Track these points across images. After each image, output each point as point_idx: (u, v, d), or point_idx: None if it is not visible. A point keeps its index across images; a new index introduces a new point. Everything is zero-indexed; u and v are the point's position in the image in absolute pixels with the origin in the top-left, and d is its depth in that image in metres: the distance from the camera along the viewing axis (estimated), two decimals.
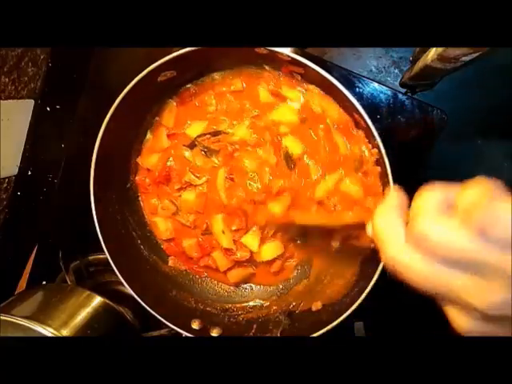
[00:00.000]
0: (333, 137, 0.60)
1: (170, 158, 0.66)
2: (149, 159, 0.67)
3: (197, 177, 0.65)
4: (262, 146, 0.63)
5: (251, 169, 0.63)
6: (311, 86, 0.60)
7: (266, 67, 0.61)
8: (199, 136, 0.64)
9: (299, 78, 0.59)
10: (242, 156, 0.64)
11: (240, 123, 0.63)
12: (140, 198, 0.70)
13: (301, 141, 0.62)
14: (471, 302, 0.27)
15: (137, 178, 0.68)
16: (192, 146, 0.65)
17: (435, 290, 0.29)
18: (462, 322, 0.29)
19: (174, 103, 0.65)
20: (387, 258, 0.30)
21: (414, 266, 0.28)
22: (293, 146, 0.62)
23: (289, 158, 0.61)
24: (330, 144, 0.61)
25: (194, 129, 0.65)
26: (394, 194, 0.32)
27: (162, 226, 0.69)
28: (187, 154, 0.66)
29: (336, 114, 0.59)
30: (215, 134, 0.63)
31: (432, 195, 0.29)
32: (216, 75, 0.63)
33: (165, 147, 0.66)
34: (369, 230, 0.36)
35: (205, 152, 0.64)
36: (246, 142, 0.63)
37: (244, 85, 0.62)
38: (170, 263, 0.70)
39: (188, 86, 0.64)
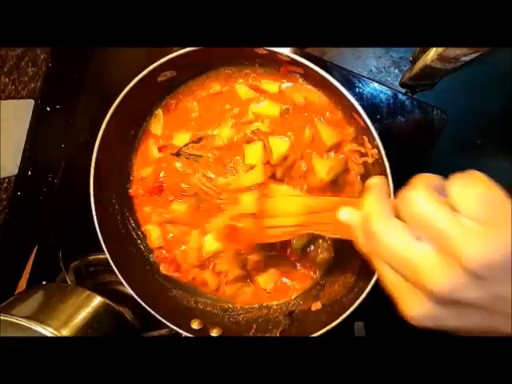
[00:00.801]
0: (319, 131, 0.60)
1: (162, 173, 0.66)
2: (143, 170, 0.67)
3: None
4: (249, 142, 0.62)
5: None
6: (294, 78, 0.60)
7: (246, 63, 0.61)
8: (185, 145, 0.64)
9: (297, 78, 0.59)
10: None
11: (222, 124, 0.63)
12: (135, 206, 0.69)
13: (285, 137, 0.61)
14: (429, 280, 0.28)
15: (130, 190, 0.68)
16: (178, 154, 0.65)
17: (400, 265, 0.30)
18: (413, 304, 0.29)
19: (161, 112, 0.65)
20: (370, 232, 0.32)
21: (393, 238, 0.30)
22: (277, 143, 0.60)
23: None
24: (316, 140, 0.60)
25: (180, 139, 0.64)
26: (383, 181, 0.35)
27: (154, 234, 0.68)
28: (178, 164, 0.65)
29: (319, 100, 0.59)
30: (198, 140, 0.63)
31: (428, 178, 0.31)
32: (191, 81, 0.63)
33: (156, 158, 0.66)
34: (342, 214, 0.37)
35: (187, 158, 0.64)
36: (232, 141, 0.62)
37: (224, 88, 0.62)
38: (162, 270, 0.68)
39: (172, 94, 0.64)
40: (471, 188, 0.28)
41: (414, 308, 0.29)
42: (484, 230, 0.27)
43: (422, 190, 0.29)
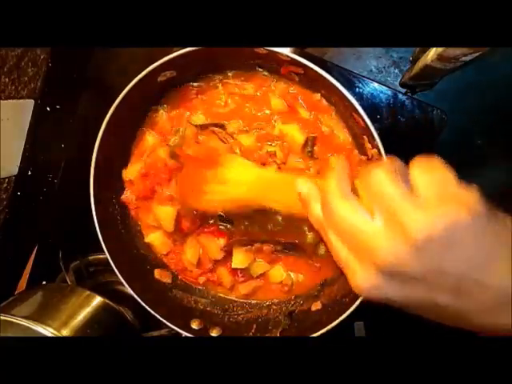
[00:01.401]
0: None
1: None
2: (131, 169, 0.66)
3: None
4: (264, 164, 0.61)
5: None
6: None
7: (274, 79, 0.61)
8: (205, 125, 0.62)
9: (296, 78, 0.59)
10: None
11: (249, 132, 0.62)
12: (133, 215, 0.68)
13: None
14: (374, 252, 0.30)
15: (122, 197, 0.66)
16: (204, 127, 0.63)
17: (351, 238, 0.32)
18: (360, 276, 0.32)
19: (164, 112, 0.65)
20: (327, 206, 0.34)
21: (347, 213, 0.32)
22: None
23: None
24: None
25: (198, 118, 0.63)
26: (344, 160, 0.37)
27: (157, 242, 0.67)
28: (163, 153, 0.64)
29: (343, 138, 0.59)
30: (220, 126, 0.62)
31: (393, 160, 0.33)
32: (229, 74, 0.63)
33: (150, 146, 0.65)
34: (301, 186, 0.39)
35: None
36: (250, 153, 0.62)
37: (257, 92, 0.62)
38: (156, 275, 0.67)
39: (191, 83, 0.63)
40: (428, 171, 0.31)
41: (361, 279, 0.31)
42: (430, 206, 0.29)
43: (382, 167, 0.32)
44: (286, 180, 0.45)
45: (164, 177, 0.64)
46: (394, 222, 0.29)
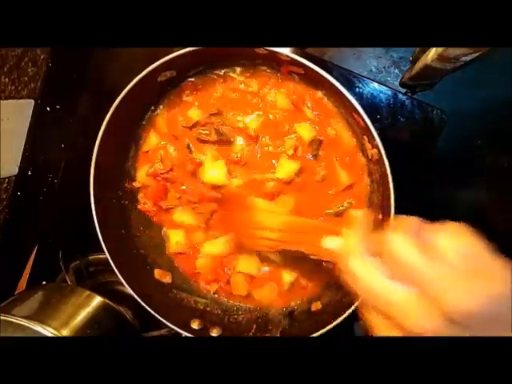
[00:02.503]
0: (337, 172, 0.61)
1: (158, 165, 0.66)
2: (141, 173, 0.67)
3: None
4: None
5: None
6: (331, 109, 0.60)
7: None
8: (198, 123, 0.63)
9: (296, 78, 0.59)
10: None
11: (250, 116, 0.62)
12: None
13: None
14: (407, 322, 0.30)
15: (139, 207, 0.68)
16: (192, 127, 0.64)
17: (379, 303, 0.32)
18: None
19: (165, 111, 0.65)
20: (347, 269, 0.34)
21: (367, 278, 0.32)
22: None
23: None
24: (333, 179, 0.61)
25: (196, 112, 0.64)
26: (365, 217, 0.37)
27: (173, 238, 0.67)
28: (172, 149, 0.65)
29: (348, 141, 0.60)
30: (217, 113, 0.62)
31: (410, 222, 0.32)
32: (231, 71, 0.63)
33: (154, 146, 0.66)
34: (326, 243, 0.40)
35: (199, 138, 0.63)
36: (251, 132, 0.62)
37: (261, 90, 0.62)
38: (156, 276, 0.67)
39: (191, 79, 0.63)
40: (457, 239, 0.30)
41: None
42: (462, 279, 0.28)
43: (404, 236, 0.31)
44: (313, 228, 0.45)
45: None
46: (427, 293, 0.29)
